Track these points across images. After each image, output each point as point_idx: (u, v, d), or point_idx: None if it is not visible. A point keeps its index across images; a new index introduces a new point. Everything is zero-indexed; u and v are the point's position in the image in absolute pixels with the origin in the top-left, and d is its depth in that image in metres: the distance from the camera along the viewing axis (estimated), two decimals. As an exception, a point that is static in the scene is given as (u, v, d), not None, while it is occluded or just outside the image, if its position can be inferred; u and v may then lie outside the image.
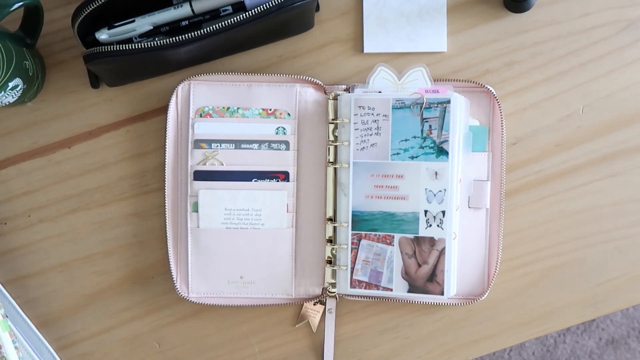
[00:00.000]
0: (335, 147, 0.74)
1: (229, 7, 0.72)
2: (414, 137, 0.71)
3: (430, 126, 0.71)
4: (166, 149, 0.75)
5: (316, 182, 0.75)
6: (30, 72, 0.73)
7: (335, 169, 0.74)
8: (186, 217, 0.75)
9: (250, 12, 0.69)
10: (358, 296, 0.75)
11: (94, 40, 0.72)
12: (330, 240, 0.75)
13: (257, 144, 0.75)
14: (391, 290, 0.72)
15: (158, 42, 0.69)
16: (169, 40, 0.69)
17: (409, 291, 0.72)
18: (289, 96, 0.75)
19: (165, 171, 0.76)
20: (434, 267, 0.71)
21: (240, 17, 0.69)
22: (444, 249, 0.71)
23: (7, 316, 0.75)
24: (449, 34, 0.76)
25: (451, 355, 0.77)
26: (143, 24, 0.72)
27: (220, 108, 0.75)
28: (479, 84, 0.74)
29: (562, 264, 0.76)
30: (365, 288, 0.73)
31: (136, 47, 0.69)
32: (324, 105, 0.75)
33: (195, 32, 0.69)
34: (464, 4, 0.76)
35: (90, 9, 0.69)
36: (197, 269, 0.75)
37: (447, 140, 0.70)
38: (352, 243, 0.73)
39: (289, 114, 0.75)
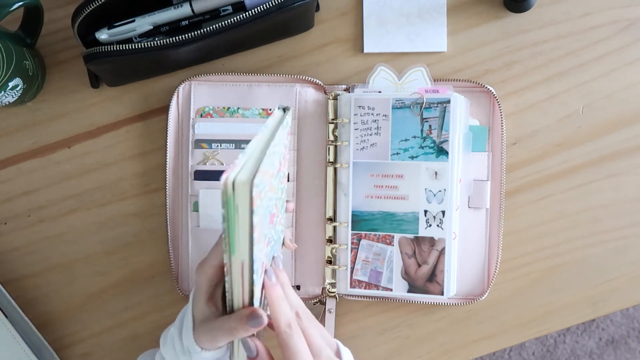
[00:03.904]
0: (335, 147, 0.74)
1: (229, 7, 0.72)
2: (414, 137, 0.71)
3: (430, 126, 0.71)
4: (167, 149, 0.75)
5: (316, 182, 0.75)
6: (30, 72, 0.73)
7: (335, 168, 0.74)
8: (187, 217, 0.75)
9: (250, 12, 0.69)
10: (358, 296, 0.75)
11: (94, 40, 0.72)
12: (330, 240, 0.75)
13: (257, 144, 0.75)
14: (391, 290, 0.72)
15: (158, 42, 0.69)
16: (169, 40, 0.69)
17: (409, 291, 0.72)
18: (289, 96, 0.75)
19: (166, 171, 0.76)
20: (433, 267, 0.71)
21: (240, 17, 0.69)
22: (443, 249, 0.71)
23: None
24: (449, 34, 0.76)
25: (451, 355, 0.77)
26: (143, 24, 0.72)
27: (220, 108, 0.75)
28: (479, 84, 0.74)
29: (562, 264, 0.76)
30: (365, 288, 0.73)
31: (136, 47, 0.69)
32: (324, 105, 0.75)
33: (195, 32, 0.69)
34: (464, 4, 0.76)
35: (90, 9, 0.69)
36: (197, 269, 0.75)
37: (447, 140, 0.70)
38: (352, 243, 0.73)
39: (289, 114, 0.75)
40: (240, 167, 0.51)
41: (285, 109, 0.60)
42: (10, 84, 0.70)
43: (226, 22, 0.69)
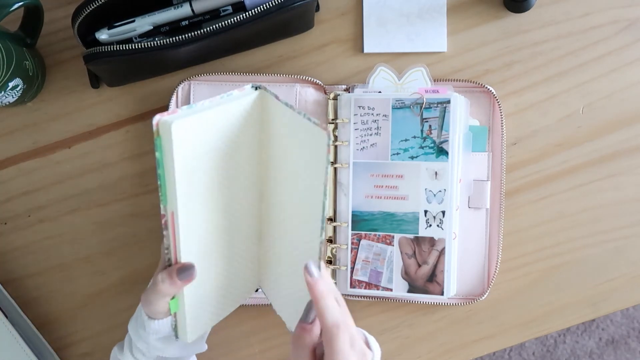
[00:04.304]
0: (335, 147, 0.74)
1: (229, 7, 0.72)
2: (414, 137, 0.71)
3: (430, 126, 0.71)
4: (166, 149, 0.75)
5: (316, 182, 0.75)
6: (30, 72, 0.73)
7: (335, 169, 0.74)
8: (186, 217, 0.75)
9: (250, 12, 0.69)
10: (358, 296, 0.75)
11: (94, 40, 0.72)
12: (330, 240, 0.75)
13: (257, 144, 0.75)
14: (391, 290, 0.72)
15: (158, 42, 0.69)
16: (169, 40, 0.69)
17: (409, 291, 0.72)
18: (289, 96, 0.75)
19: (165, 171, 0.76)
20: (433, 267, 0.71)
21: (240, 17, 0.69)
22: (443, 249, 0.71)
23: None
24: (449, 34, 0.76)
25: (451, 355, 0.77)
26: (143, 24, 0.72)
27: (220, 108, 0.75)
28: (479, 84, 0.74)
29: (562, 264, 0.76)
30: (365, 288, 0.73)
31: (136, 47, 0.69)
32: (324, 105, 0.75)
33: (195, 32, 0.69)
34: (464, 4, 0.76)
35: (90, 9, 0.69)
36: (197, 269, 0.75)
37: (447, 140, 0.70)
38: (352, 243, 0.73)
39: (289, 114, 0.75)
40: (179, 114, 0.48)
41: (257, 87, 0.57)
42: (10, 84, 0.70)
43: (226, 22, 0.69)
